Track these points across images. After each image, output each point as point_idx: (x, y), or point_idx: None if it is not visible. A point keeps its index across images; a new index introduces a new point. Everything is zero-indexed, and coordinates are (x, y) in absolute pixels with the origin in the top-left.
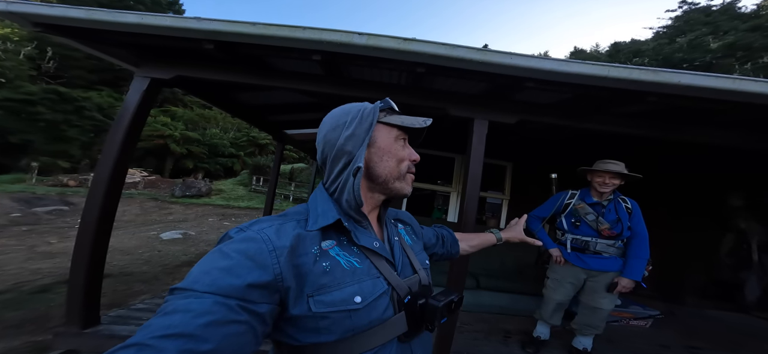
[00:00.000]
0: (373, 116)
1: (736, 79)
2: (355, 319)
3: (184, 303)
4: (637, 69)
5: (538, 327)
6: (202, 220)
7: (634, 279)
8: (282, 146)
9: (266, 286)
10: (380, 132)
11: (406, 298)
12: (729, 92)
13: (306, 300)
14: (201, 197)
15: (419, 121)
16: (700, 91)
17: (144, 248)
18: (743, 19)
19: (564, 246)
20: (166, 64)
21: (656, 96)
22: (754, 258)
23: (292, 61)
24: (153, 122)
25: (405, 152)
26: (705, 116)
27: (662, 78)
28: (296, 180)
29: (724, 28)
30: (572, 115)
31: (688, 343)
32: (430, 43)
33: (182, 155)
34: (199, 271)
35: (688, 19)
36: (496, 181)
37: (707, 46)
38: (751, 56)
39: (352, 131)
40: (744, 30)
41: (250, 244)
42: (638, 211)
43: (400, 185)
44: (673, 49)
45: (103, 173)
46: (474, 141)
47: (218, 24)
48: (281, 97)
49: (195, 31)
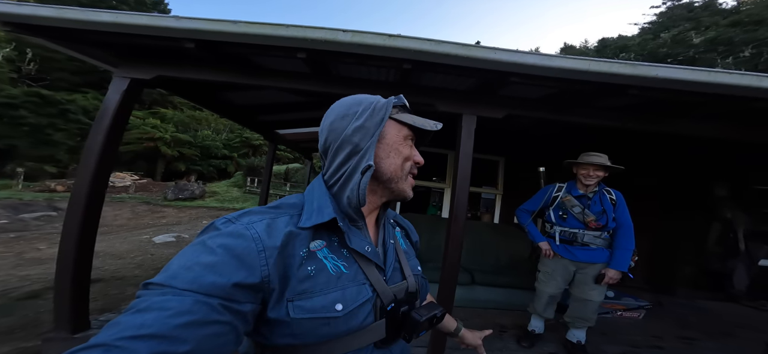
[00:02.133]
0: (386, 111)
1: (711, 71)
2: (333, 326)
3: (160, 300)
4: (616, 63)
5: (533, 321)
6: (196, 223)
7: (620, 270)
8: (274, 146)
9: (252, 286)
10: (390, 128)
11: (389, 305)
12: (704, 84)
13: (285, 304)
14: (194, 200)
15: (430, 124)
16: (677, 83)
17: (136, 252)
18: (724, 15)
19: (553, 238)
20: (147, 64)
21: (637, 89)
22: (741, 247)
23: (278, 60)
24: (142, 125)
25: (411, 152)
26: (685, 109)
27: (640, 71)
28: (291, 180)
29: (706, 23)
30: (558, 109)
31: (680, 333)
32: (416, 39)
33: (174, 158)
34: (179, 265)
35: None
36: (489, 176)
37: (690, 41)
38: (732, 50)
39: (362, 122)
40: (725, 25)
41: (238, 240)
42: (623, 202)
43: (402, 186)
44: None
45: (84, 177)
46: (463, 136)
47: (198, 23)
48: (271, 97)
49: (174, 30)
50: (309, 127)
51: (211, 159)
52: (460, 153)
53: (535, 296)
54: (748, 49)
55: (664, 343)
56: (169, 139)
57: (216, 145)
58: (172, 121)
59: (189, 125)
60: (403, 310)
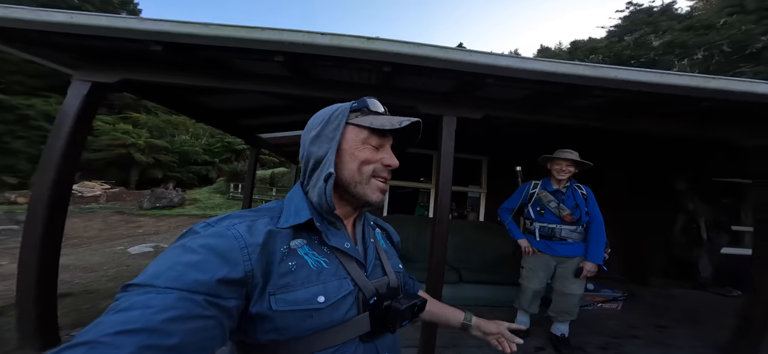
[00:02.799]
0: (342, 117)
1: (663, 73)
2: (316, 318)
3: (143, 299)
4: (581, 65)
5: (519, 316)
6: (176, 232)
7: (596, 262)
8: (257, 151)
9: (236, 282)
10: (349, 133)
11: (372, 299)
12: (657, 85)
13: (267, 298)
14: (173, 208)
15: (388, 123)
16: (634, 84)
17: (110, 264)
18: (679, 20)
19: (533, 235)
20: (110, 68)
21: (600, 90)
22: (704, 236)
23: (255, 63)
24: (112, 131)
25: (374, 155)
26: (644, 108)
27: (601, 73)
28: (278, 185)
29: (663, 27)
30: (532, 109)
31: (655, 322)
32: (394, 42)
33: (149, 165)
34: (160, 265)
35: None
36: (474, 175)
37: (650, 44)
38: (687, 53)
39: (318, 132)
40: (679, 29)
41: (220, 240)
42: (592, 196)
43: (361, 190)
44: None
45: (43, 186)
46: (444, 137)
47: (166, 25)
48: (252, 100)
49: (138, 32)
50: (292, 130)
51: (191, 165)
52: (442, 153)
53: (520, 292)
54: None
55: (641, 333)
56: (143, 146)
57: (195, 150)
58: (146, 126)
59: (165, 130)
60: (386, 304)
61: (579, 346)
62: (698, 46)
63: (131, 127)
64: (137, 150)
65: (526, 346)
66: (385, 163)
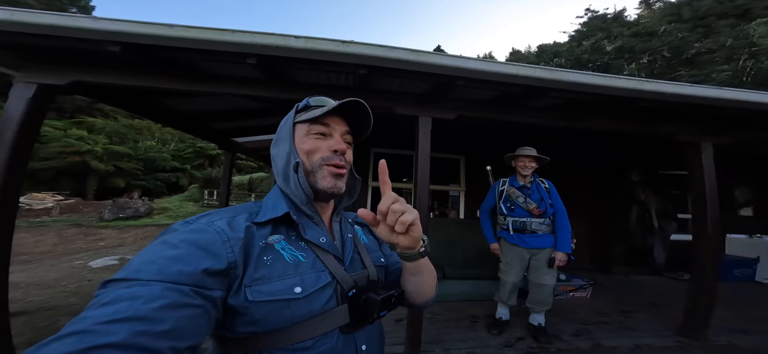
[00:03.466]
0: (290, 119)
1: (607, 76)
2: (294, 308)
3: (128, 292)
4: (538, 68)
5: (499, 309)
6: (145, 243)
7: (565, 251)
8: (232, 156)
9: (220, 272)
10: (298, 132)
11: (350, 291)
12: (602, 87)
13: (243, 290)
14: (139, 218)
15: (319, 110)
16: (583, 86)
17: (69, 279)
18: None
19: (507, 230)
20: (59, 69)
21: (556, 92)
22: (655, 225)
23: (226, 65)
24: (63, 137)
25: (319, 143)
26: (597, 108)
27: (555, 76)
28: (256, 191)
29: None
30: (501, 110)
31: (620, 308)
32: (369, 45)
33: (109, 173)
34: (140, 261)
35: (591, 25)
36: (454, 174)
37: (604, 48)
38: (634, 57)
39: (275, 138)
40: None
41: (202, 234)
42: (554, 189)
43: (313, 180)
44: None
45: None
46: (420, 137)
47: (124, 25)
48: (224, 103)
49: (92, 31)
50: (270, 134)
51: (158, 172)
52: (419, 153)
53: (499, 285)
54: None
55: (609, 319)
56: (101, 153)
57: (163, 156)
58: (104, 131)
59: (127, 136)
60: (364, 296)
61: (555, 335)
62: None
63: (86, 132)
64: (94, 157)
65: (507, 337)
66: (332, 148)
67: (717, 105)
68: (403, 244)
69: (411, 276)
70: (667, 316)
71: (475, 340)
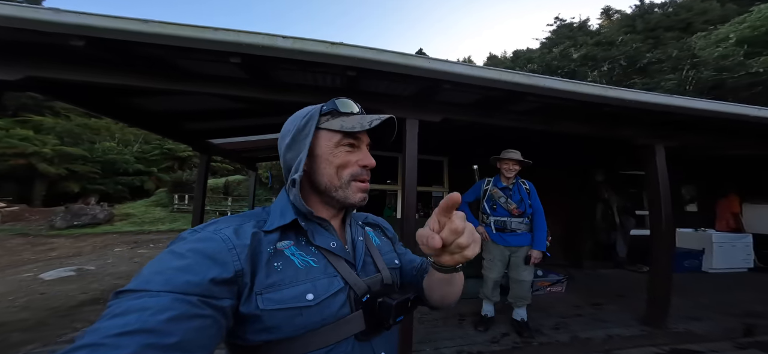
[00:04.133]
0: (312, 123)
1: (577, 83)
2: (306, 316)
3: (137, 303)
4: (518, 74)
5: (484, 305)
6: (105, 252)
7: (541, 249)
8: (208, 158)
9: (228, 281)
10: (321, 138)
11: (364, 296)
12: (572, 93)
13: (254, 298)
14: (98, 225)
15: (359, 125)
16: (555, 91)
17: (17, 293)
18: (591, 36)
19: (490, 228)
20: (10, 63)
21: (533, 96)
22: (617, 221)
23: (207, 64)
24: (6, 137)
25: (350, 157)
26: (568, 112)
27: (532, 81)
28: (233, 194)
29: (581, 42)
30: (483, 113)
31: (592, 300)
32: (359, 48)
33: (60, 177)
34: (149, 271)
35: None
36: (437, 176)
37: (571, 56)
38: (597, 65)
39: (291, 139)
40: (591, 44)
41: (208, 243)
42: (534, 190)
43: (343, 194)
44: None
45: None
46: (408, 139)
47: (91, 19)
48: (202, 103)
49: (52, 24)
50: (251, 135)
51: (119, 176)
52: (406, 155)
53: (482, 282)
54: (606, 65)
55: (583, 311)
56: (50, 155)
57: (125, 159)
58: (54, 131)
59: (81, 136)
60: (379, 301)
61: (536, 329)
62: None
63: (32, 132)
64: (42, 160)
65: (493, 334)
66: (361, 163)
67: (667, 111)
68: (446, 262)
69: (442, 284)
70: (632, 306)
71: (464, 338)
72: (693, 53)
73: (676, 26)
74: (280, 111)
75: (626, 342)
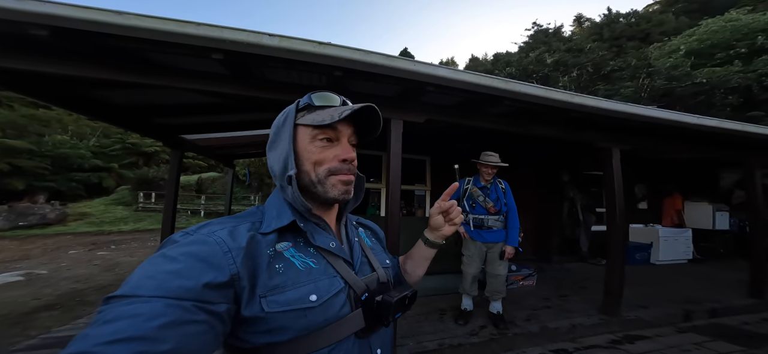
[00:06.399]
0: (289, 120)
1: (548, 89)
2: (310, 317)
3: (128, 309)
4: (496, 79)
5: (464, 300)
6: (58, 255)
7: (513, 245)
8: (180, 154)
9: (223, 285)
10: (300, 135)
11: (363, 295)
12: (543, 98)
13: (258, 301)
14: (48, 226)
15: (329, 117)
16: (528, 96)
17: None
18: (564, 42)
19: (468, 225)
20: None
21: (509, 100)
22: (580, 218)
23: (184, 59)
24: None
25: (326, 153)
26: (538, 116)
27: (509, 86)
28: (207, 192)
29: (554, 47)
30: (465, 115)
31: (559, 292)
32: (346, 48)
33: (2, 173)
34: (141, 276)
35: (536, 38)
36: (419, 174)
37: (545, 61)
38: (567, 71)
39: (272, 139)
40: (563, 50)
41: (202, 246)
42: (509, 189)
43: (322, 190)
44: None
45: None
46: (392, 139)
47: (60, 8)
48: (174, 97)
49: (12, 12)
50: (228, 131)
51: (73, 172)
52: (391, 154)
53: (462, 278)
54: (575, 71)
55: (551, 303)
56: None
57: (80, 153)
58: None
59: (27, 128)
60: (377, 299)
61: (511, 321)
62: (574, 66)
63: None
64: None
65: (472, 327)
66: (341, 158)
67: (623, 117)
68: (447, 234)
69: (424, 261)
70: (592, 297)
71: (445, 332)
72: (649, 62)
73: (637, 36)
74: (262, 108)
75: (587, 330)
